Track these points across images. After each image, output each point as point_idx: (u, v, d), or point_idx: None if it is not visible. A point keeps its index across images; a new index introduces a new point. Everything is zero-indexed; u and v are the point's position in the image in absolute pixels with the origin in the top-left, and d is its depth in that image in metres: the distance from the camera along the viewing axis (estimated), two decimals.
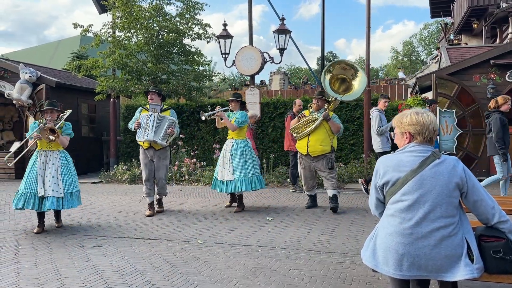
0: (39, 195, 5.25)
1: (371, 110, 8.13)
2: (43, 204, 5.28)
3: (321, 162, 6.46)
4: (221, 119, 6.63)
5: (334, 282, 3.52)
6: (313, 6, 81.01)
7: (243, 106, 6.93)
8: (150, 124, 6.21)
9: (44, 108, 5.56)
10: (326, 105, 6.55)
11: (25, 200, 5.28)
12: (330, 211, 6.46)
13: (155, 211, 6.54)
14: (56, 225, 5.71)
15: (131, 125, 6.39)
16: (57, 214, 5.73)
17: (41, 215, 5.49)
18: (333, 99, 6.54)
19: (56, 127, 5.43)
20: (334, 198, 6.51)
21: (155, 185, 6.64)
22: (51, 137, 5.32)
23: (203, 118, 6.73)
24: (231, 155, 6.47)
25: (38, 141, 5.46)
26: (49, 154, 5.44)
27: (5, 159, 6.01)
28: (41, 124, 5.39)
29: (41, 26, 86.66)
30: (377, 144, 7.85)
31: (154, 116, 6.24)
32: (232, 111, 6.74)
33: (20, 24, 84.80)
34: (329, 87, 6.48)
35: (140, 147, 6.46)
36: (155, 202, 6.68)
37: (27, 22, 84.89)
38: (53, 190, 5.31)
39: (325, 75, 6.50)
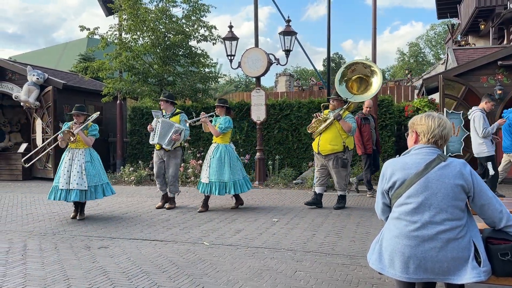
0: (60, 188, 5.99)
1: (471, 110, 7.29)
2: (69, 196, 6.00)
3: (332, 161, 6.60)
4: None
5: (340, 284, 3.50)
6: (320, 7, 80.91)
7: (228, 111, 7.01)
8: (156, 129, 6.83)
9: (72, 112, 6.28)
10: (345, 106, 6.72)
11: (55, 193, 6.05)
12: (335, 212, 6.49)
13: (164, 205, 7.14)
14: (78, 217, 6.26)
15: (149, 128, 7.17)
16: (81, 207, 6.33)
17: (76, 204, 6.31)
18: (349, 101, 6.68)
19: (81, 128, 6.14)
20: (340, 199, 6.80)
21: (167, 183, 7.18)
22: (71, 138, 6.07)
23: (187, 125, 6.93)
24: (210, 158, 6.66)
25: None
26: (76, 151, 6.18)
27: (22, 160, 6.68)
28: (65, 128, 6.19)
29: (49, 29, 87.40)
30: (481, 147, 6.94)
31: (159, 121, 6.82)
32: (218, 116, 6.93)
33: (29, 26, 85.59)
34: (345, 90, 6.69)
35: (154, 147, 7.20)
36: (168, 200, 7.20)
37: (36, 25, 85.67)
38: (77, 184, 5.99)
39: (339, 84, 6.74)
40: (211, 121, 6.85)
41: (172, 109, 7.07)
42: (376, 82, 6.65)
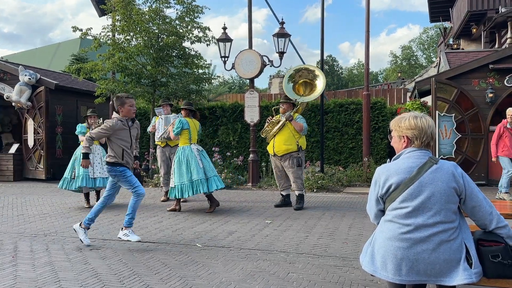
0: (91, 176, 7.12)
1: None
2: (95, 183, 7.15)
3: (288, 161, 6.82)
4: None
5: (332, 286, 3.51)
6: (318, 9, 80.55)
7: (194, 113, 7.11)
8: (160, 125, 7.72)
9: (89, 114, 7.58)
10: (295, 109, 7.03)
11: (86, 180, 7.03)
12: (328, 214, 6.49)
13: (168, 199, 7.79)
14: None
15: (148, 129, 8.25)
16: (98, 196, 7.28)
17: (87, 195, 7.35)
18: (298, 102, 7.04)
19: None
20: (299, 198, 6.96)
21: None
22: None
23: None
24: (200, 159, 6.72)
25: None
26: (93, 146, 7.19)
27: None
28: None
29: (46, 28, 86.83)
30: None
31: (161, 118, 7.76)
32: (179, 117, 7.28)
33: (27, 26, 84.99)
34: (292, 92, 7.20)
35: (158, 146, 7.89)
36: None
37: (33, 24, 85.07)
38: (100, 173, 7.22)
39: (287, 83, 7.27)
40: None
41: (169, 111, 7.96)
42: (320, 84, 7.15)
